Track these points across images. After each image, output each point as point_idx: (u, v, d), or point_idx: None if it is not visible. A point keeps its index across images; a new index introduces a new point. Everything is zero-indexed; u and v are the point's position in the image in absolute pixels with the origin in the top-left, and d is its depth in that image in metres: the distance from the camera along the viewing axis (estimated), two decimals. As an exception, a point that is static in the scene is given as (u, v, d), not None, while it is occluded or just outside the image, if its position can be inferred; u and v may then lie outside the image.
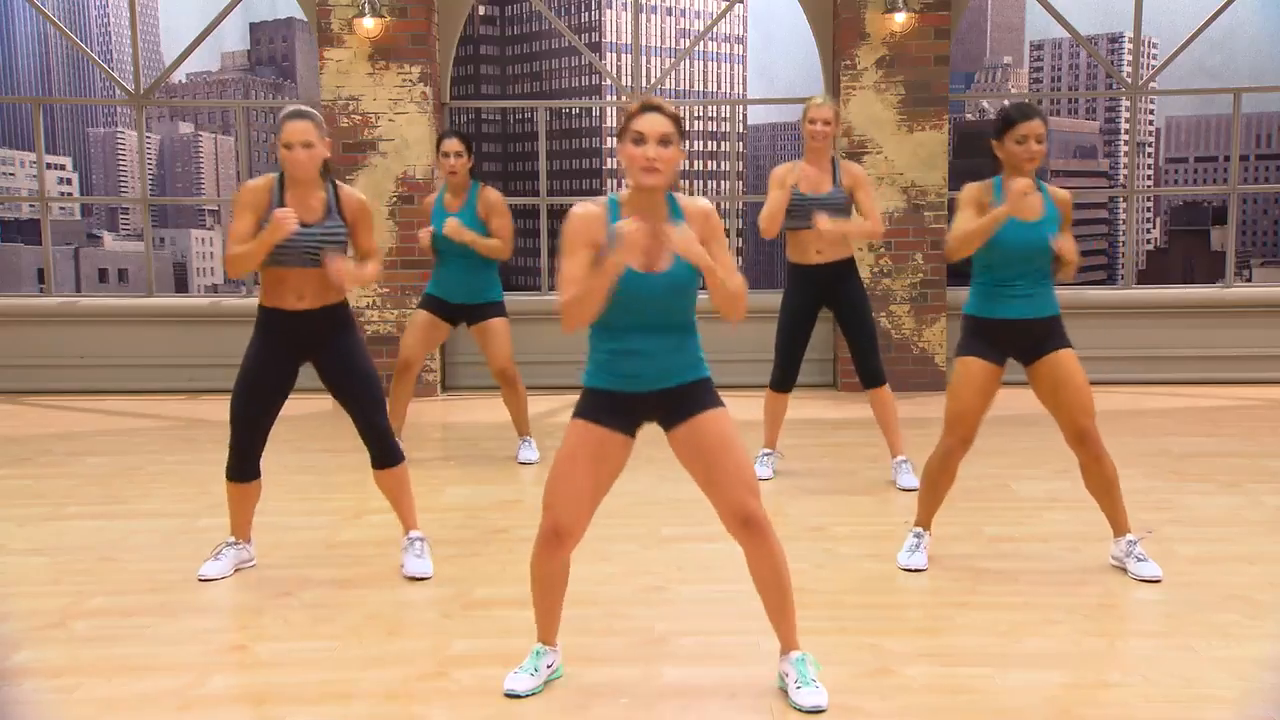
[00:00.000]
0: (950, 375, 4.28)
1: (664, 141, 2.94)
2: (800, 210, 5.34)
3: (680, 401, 3.09)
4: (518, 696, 3.16)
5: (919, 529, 4.36)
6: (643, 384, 3.08)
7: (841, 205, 5.36)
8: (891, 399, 5.52)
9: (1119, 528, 4.19)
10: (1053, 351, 4.13)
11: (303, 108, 4.14)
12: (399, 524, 4.38)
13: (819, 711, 3.05)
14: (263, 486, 4.34)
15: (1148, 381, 8.32)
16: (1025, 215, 3.96)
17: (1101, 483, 4.15)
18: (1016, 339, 4.14)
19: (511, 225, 5.90)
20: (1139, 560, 4.12)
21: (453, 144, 5.83)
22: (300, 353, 4.19)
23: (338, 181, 4.23)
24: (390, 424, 4.32)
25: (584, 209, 3.05)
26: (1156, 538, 4.53)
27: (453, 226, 5.70)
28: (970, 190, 4.15)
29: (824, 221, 5.23)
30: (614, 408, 3.09)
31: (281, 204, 4.06)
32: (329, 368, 4.20)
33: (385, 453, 4.26)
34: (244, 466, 4.25)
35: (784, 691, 3.16)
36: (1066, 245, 4.04)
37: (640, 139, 2.95)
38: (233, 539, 4.37)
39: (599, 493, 3.12)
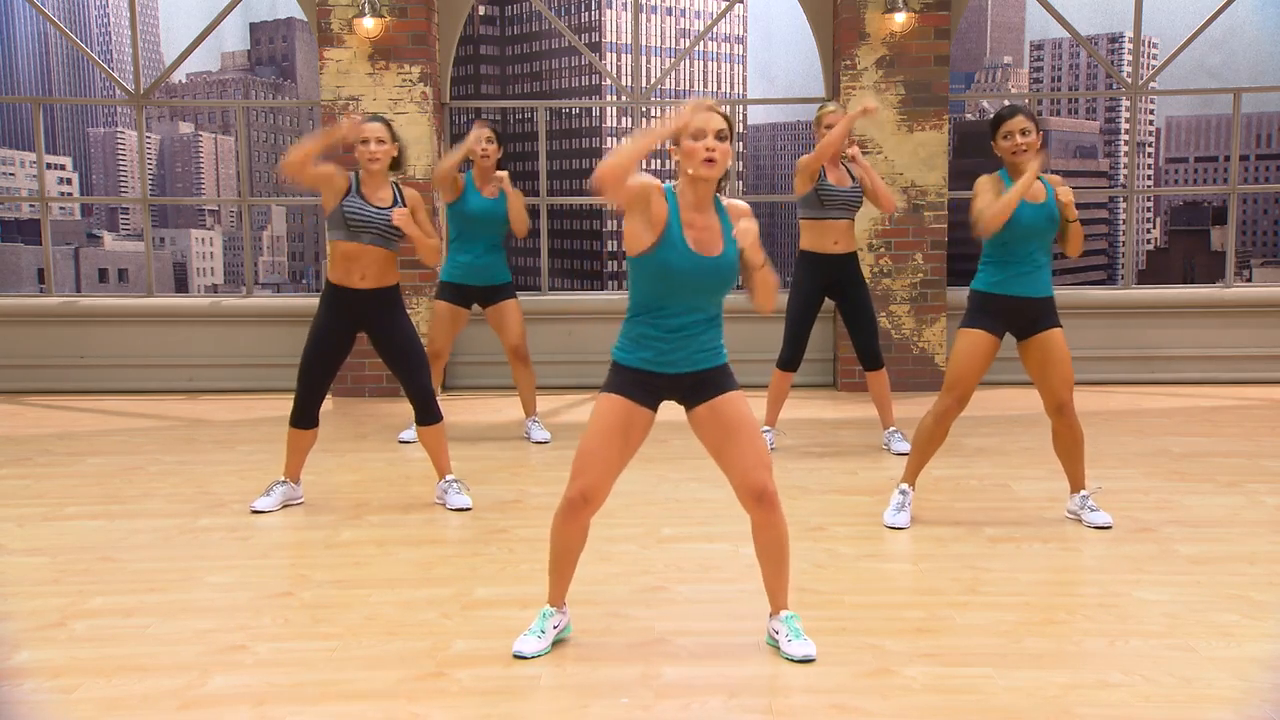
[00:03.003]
0: (953, 346, 4.73)
1: (720, 136, 3.24)
2: (831, 201, 5.94)
3: (702, 384, 3.36)
4: (525, 658, 3.38)
5: (905, 485, 4.81)
6: (671, 366, 3.33)
7: (860, 199, 6.05)
8: (887, 380, 6.16)
9: (1076, 485, 4.76)
10: (1046, 330, 4.63)
11: (378, 115, 5.00)
12: (400, 522, 4.46)
13: (809, 660, 3.34)
14: (318, 437, 5.12)
15: (1148, 381, 8.33)
16: (1032, 197, 4.55)
17: (1070, 446, 4.71)
18: (1016, 315, 4.63)
19: (523, 205, 6.38)
20: (1092, 510, 4.70)
21: (484, 130, 6.26)
22: (357, 325, 4.97)
23: (398, 181, 5.08)
24: (432, 388, 5.07)
25: (652, 181, 3.25)
26: (1157, 537, 4.54)
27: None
28: (985, 180, 4.67)
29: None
30: (641, 384, 3.34)
31: (359, 192, 4.90)
32: (382, 340, 4.98)
33: (428, 412, 5.06)
34: (304, 416, 4.99)
35: (774, 647, 3.43)
36: (1065, 195, 4.58)
37: (700, 134, 3.22)
38: (283, 479, 5.07)
39: (623, 462, 3.38)
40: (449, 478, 5.13)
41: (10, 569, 4.32)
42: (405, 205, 4.97)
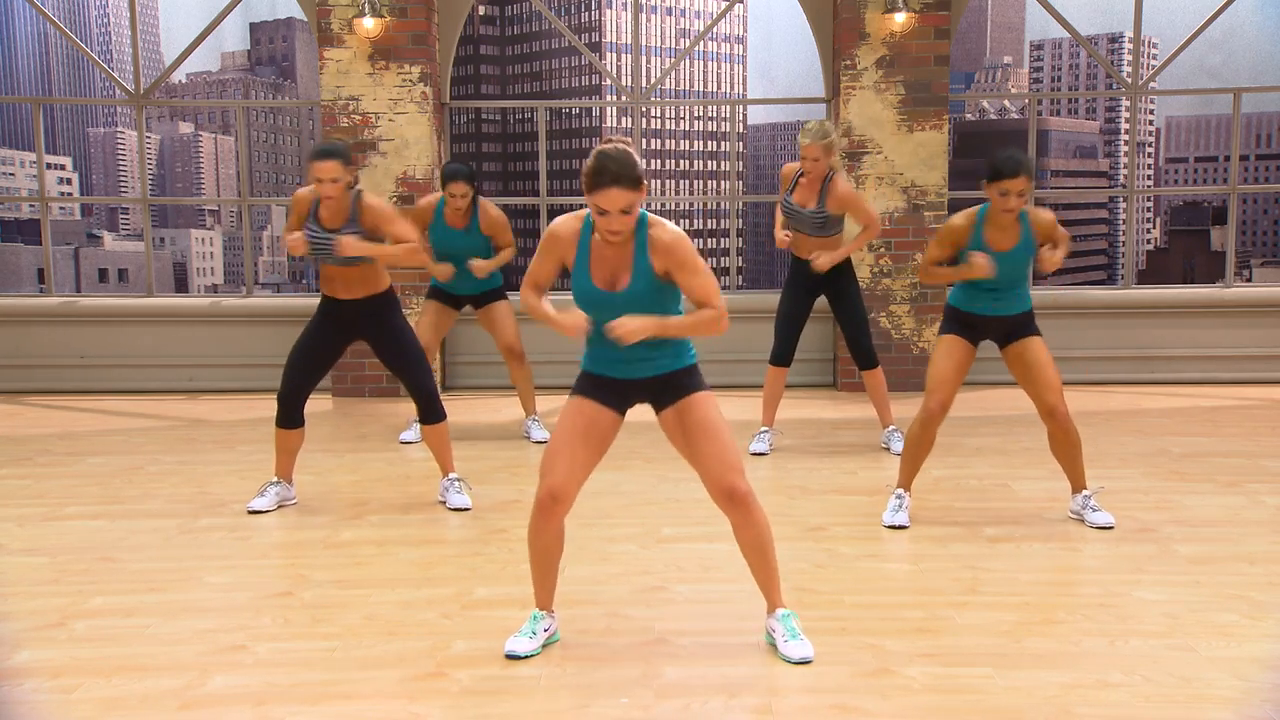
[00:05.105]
0: (931, 352, 4.84)
1: (625, 211, 3.17)
2: (789, 215, 5.97)
3: (666, 387, 3.40)
4: (518, 657, 3.39)
5: (900, 490, 4.81)
6: (627, 371, 3.39)
7: (821, 221, 5.89)
8: (883, 379, 6.18)
9: (1077, 486, 4.77)
10: (1024, 338, 4.68)
11: (330, 146, 4.76)
12: (400, 522, 4.51)
13: (806, 662, 3.34)
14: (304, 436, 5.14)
15: (1148, 381, 8.33)
16: (996, 246, 4.57)
17: (1067, 448, 4.72)
18: (988, 328, 4.73)
19: (512, 237, 6.40)
20: (1094, 510, 4.70)
21: (459, 187, 6.10)
22: (350, 333, 4.98)
23: (362, 192, 4.85)
24: (434, 386, 5.07)
25: (564, 222, 3.40)
26: (1157, 537, 4.54)
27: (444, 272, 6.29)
28: (952, 227, 4.65)
29: (821, 261, 5.88)
30: (604, 388, 3.42)
31: (317, 215, 4.80)
32: (380, 346, 4.99)
33: (431, 411, 5.06)
34: (289, 415, 5.00)
35: (772, 646, 3.44)
36: (1047, 258, 4.54)
37: (603, 212, 3.19)
38: (276, 479, 5.08)
39: (590, 463, 3.41)
40: (451, 476, 5.14)
41: (10, 569, 4.32)
42: (361, 221, 4.76)
